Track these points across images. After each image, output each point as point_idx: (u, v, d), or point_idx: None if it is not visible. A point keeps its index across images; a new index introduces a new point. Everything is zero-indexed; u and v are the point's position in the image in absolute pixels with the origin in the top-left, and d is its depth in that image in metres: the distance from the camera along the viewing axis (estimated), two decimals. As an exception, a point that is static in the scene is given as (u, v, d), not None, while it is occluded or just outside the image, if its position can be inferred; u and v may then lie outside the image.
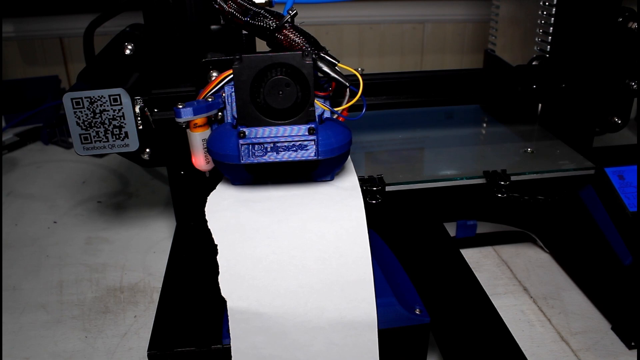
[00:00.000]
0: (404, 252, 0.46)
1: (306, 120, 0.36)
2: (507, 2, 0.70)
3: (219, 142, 0.37)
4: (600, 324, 0.49)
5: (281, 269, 0.36)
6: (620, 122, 0.54)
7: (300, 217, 0.38)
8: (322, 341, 0.35)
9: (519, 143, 0.59)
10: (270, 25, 0.39)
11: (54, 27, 0.97)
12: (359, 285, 0.35)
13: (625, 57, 0.52)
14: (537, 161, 0.54)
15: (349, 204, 0.38)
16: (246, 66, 0.36)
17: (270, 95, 0.36)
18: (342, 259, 0.36)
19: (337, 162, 0.39)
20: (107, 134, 0.43)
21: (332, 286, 0.35)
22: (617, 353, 0.45)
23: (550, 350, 0.46)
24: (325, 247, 0.36)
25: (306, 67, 0.36)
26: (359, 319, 0.35)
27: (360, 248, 0.36)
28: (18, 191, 0.72)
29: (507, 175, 0.50)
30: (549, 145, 0.58)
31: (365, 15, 1.03)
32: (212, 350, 0.37)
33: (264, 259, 0.36)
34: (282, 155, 0.36)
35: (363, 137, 0.61)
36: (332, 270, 0.36)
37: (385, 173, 0.51)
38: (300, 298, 0.35)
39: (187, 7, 0.44)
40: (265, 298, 0.35)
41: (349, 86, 0.38)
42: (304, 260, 0.36)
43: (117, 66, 0.45)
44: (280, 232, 0.37)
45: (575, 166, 0.53)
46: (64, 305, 0.51)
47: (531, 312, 0.50)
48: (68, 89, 0.42)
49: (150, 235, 0.61)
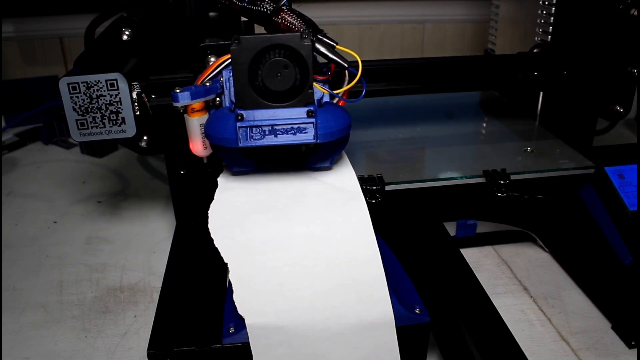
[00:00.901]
0: (404, 251, 0.46)
1: (305, 103, 0.36)
2: (507, 2, 0.70)
3: (216, 125, 0.37)
4: (600, 323, 0.49)
5: (295, 279, 0.35)
6: (622, 110, 0.54)
7: (306, 224, 0.37)
8: (343, 346, 0.35)
9: (518, 142, 0.59)
10: (267, 9, 0.39)
11: (54, 27, 0.97)
12: (372, 285, 0.35)
13: (627, 45, 0.52)
14: (537, 160, 0.54)
15: (353, 206, 0.38)
16: (244, 48, 0.35)
17: (268, 77, 0.35)
18: (353, 262, 0.36)
19: (337, 146, 0.39)
20: (103, 119, 0.43)
21: (347, 290, 0.35)
22: (617, 352, 0.45)
23: (551, 350, 0.46)
24: (335, 252, 0.36)
25: (305, 49, 0.35)
26: (377, 320, 0.35)
27: (369, 249, 0.36)
28: (18, 191, 0.72)
29: (507, 175, 0.50)
30: (548, 145, 0.58)
31: (365, 15, 1.03)
32: (212, 350, 0.37)
33: (276, 271, 0.35)
34: (280, 138, 0.36)
35: (362, 136, 0.60)
36: (345, 274, 0.35)
37: (384, 172, 0.51)
38: (317, 306, 0.35)
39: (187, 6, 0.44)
40: (283, 311, 0.34)
41: (348, 67, 0.38)
42: (315, 267, 0.36)
43: (114, 52, 0.44)
44: (288, 242, 0.36)
45: (575, 165, 0.53)
46: (64, 305, 0.51)
47: (531, 312, 0.50)
48: (64, 74, 0.42)
49: (150, 235, 0.61)
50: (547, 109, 0.64)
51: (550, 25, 0.58)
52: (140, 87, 0.44)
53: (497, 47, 0.74)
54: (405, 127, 0.64)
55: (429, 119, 0.67)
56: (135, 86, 0.43)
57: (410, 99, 0.72)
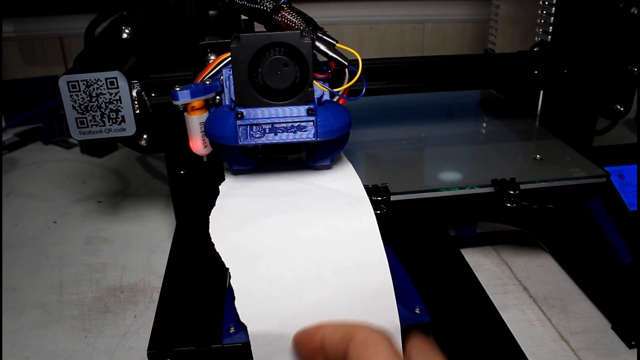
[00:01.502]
0: (404, 251, 0.46)
1: (305, 101, 0.36)
2: (507, 2, 0.70)
3: (216, 123, 0.37)
4: (600, 323, 0.49)
5: (299, 286, 0.34)
6: (623, 109, 0.53)
7: (310, 229, 0.36)
8: None
9: (523, 145, 0.58)
10: (267, 7, 0.39)
11: (54, 27, 0.97)
12: (379, 293, 0.34)
13: (628, 43, 0.51)
14: (546, 168, 0.52)
15: (359, 211, 0.37)
16: (244, 45, 0.35)
17: (268, 75, 0.35)
18: (359, 267, 0.35)
19: (337, 144, 0.39)
20: (103, 118, 0.43)
21: (352, 298, 0.34)
22: (617, 352, 0.45)
23: (551, 350, 0.46)
24: (341, 258, 0.35)
25: (305, 47, 0.35)
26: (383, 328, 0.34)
27: (376, 255, 0.35)
28: (18, 191, 0.72)
29: (516, 184, 0.48)
30: (555, 151, 0.56)
31: (365, 15, 1.03)
32: (212, 350, 0.37)
33: (279, 277, 0.34)
34: (280, 136, 0.36)
35: (363, 136, 0.60)
36: (351, 282, 0.34)
37: (387, 178, 0.49)
38: (322, 314, 0.33)
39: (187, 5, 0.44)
40: (286, 318, 0.33)
41: (348, 65, 0.38)
42: (320, 274, 0.34)
43: (114, 50, 0.44)
44: (292, 247, 0.35)
45: (587, 174, 0.51)
46: (64, 305, 0.51)
47: (531, 312, 0.50)
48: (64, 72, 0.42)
49: (150, 235, 0.61)
50: (547, 108, 0.64)
51: (550, 25, 0.58)
52: (140, 86, 0.43)
53: (497, 47, 0.74)
54: (405, 127, 0.63)
55: (429, 118, 0.67)
56: (135, 84, 0.43)
57: (411, 98, 0.72)
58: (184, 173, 0.52)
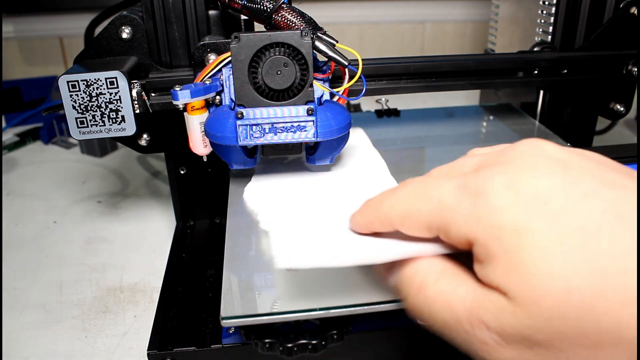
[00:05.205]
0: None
1: (305, 101, 0.36)
2: (507, 2, 0.70)
3: (216, 123, 0.37)
4: (600, 323, 0.48)
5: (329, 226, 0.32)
6: (623, 109, 0.54)
7: None
8: None
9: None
10: (267, 7, 0.39)
11: (53, 27, 0.97)
12: None
13: (628, 43, 0.52)
14: None
15: None
16: (244, 45, 0.35)
17: (268, 75, 0.35)
18: None
19: (337, 144, 0.39)
20: (103, 117, 0.43)
21: None
22: (618, 352, 0.45)
23: (551, 350, 0.45)
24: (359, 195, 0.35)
25: (305, 46, 0.35)
26: None
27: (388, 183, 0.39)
28: (18, 191, 0.72)
29: None
30: None
31: (365, 15, 1.03)
32: (212, 350, 0.37)
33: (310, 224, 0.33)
34: (280, 136, 0.36)
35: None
36: None
37: None
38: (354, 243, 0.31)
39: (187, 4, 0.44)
40: None
41: (348, 65, 0.38)
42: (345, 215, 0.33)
43: (114, 50, 0.44)
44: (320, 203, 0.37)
45: None
46: (64, 305, 0.51)
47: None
48: (64, 72, 0.42)
49: (150, 235, 0.61)
50: (547, 108, 0.64)
51: (550, 25, 0.58)
52: (140, 85, 0.44)
53: (497, 47, 0.74)
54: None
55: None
56: (135, 84, 0.43)
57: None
58: (184, 172, 0.52)
